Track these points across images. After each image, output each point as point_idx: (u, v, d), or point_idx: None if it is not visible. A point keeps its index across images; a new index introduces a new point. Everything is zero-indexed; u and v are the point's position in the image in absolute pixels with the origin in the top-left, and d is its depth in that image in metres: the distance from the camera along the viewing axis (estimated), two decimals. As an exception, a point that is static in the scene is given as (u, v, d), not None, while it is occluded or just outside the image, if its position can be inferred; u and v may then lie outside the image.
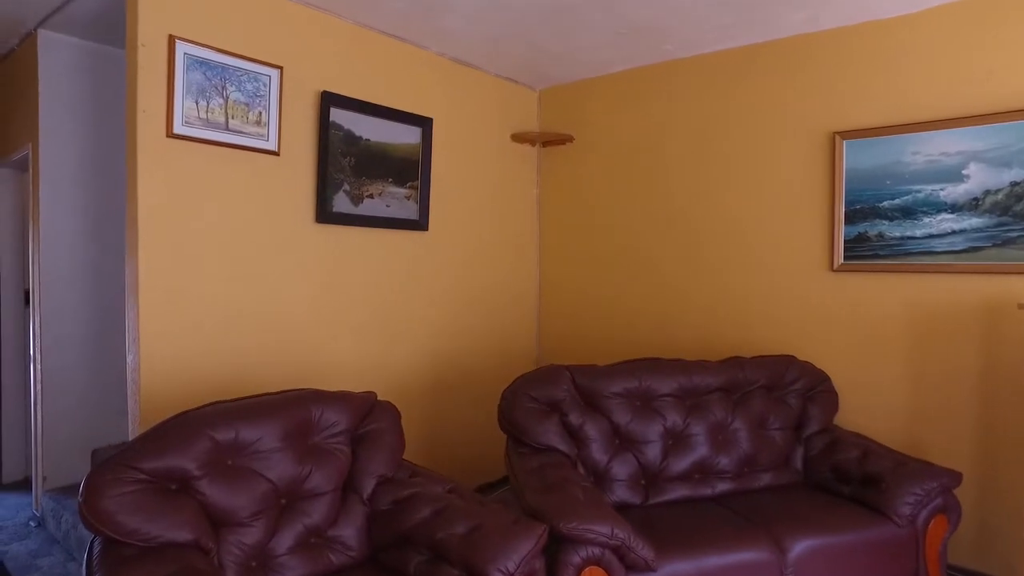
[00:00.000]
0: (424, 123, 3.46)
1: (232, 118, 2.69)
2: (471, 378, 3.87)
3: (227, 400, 2.09)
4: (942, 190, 2.86)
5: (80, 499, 1.69)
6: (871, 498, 2.46)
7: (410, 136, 3.41)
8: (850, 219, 3.11)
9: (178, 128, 2.53)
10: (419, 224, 3.49)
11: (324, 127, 3.01)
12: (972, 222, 2.79)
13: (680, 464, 2.72)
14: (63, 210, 3.46)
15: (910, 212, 2.95)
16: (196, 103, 2.58)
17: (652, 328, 3.82)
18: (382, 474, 2.19)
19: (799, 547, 2.28)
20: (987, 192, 2.75)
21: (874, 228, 3.05)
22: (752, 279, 3.46)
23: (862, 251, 3.08)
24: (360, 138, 3.18)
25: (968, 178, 2.79)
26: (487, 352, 3.98)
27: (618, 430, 2.72)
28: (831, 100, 3.18)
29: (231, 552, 1.85)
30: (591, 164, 4.08)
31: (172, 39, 2.51)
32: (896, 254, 2.99)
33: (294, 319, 2.98)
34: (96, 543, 1.72)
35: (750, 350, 3.32)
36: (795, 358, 3.08)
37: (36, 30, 3.31)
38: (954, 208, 2.84)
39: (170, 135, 2.52)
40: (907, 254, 2.96)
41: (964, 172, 2.80)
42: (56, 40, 3.36)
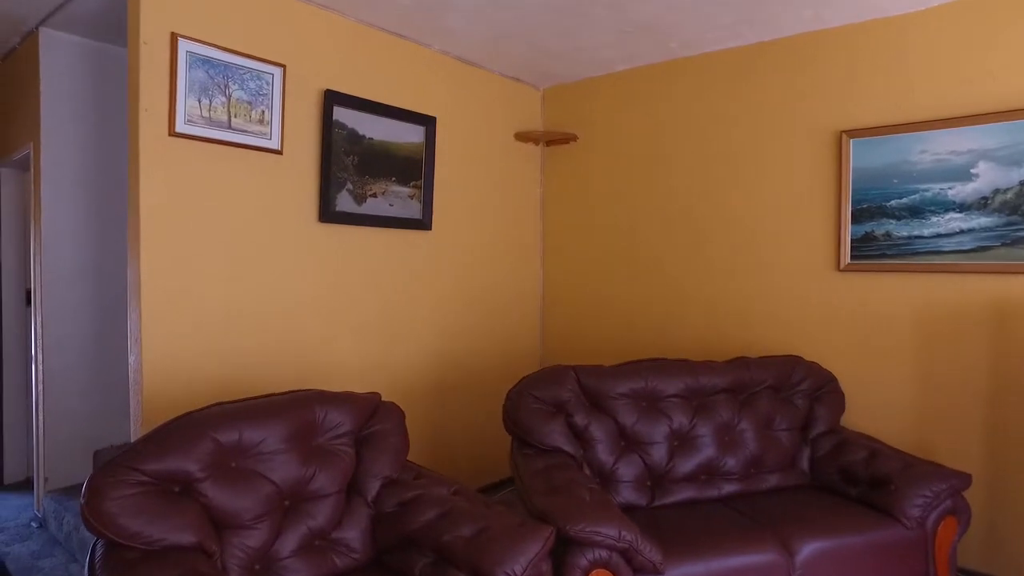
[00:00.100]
0: (427, 122, 3.44)
1: (235, 117, 2.67)
2: (474, 378, 3.85)
3: (230, 401, 2.07)
4: (950, 189, 2.84)
5: (82, 501, 1.68)
6: (879, 500, 2.44)
7: (413, 135, 3.39)
8: (857, 218, 3.09)
9: (180, 127, 2.52)
10: (422, 223, 3.47)
11: (327, 126, 2.99)
12: (981, 221, 2.77)
13: (686, 465, 2.70)
14: (65, 209, 3.44)
15: (917, 211, 2.92)
16: (198, 101, 2.56)
17: (656, 328, 3.80)
18: (387, 476, 2.17)
19: (807, 549, 2.26)
20: (996, 191, 2.73)
21: (881, 227, 3.02)
22: (757, 279, 3.43)
23: (869, 251, 3.06)
24: (363, 137, 3.16)
25: (977, 177, 2.77)
26: (490, 352, 3.96)
27: (624, 431, 2.70)
28: (838, 98, 3.16)
29: (234, 555, 1.83)
30: (595, 163, 4.05)
31: (174, 37, 2.49)
32: (903, 254, 2.97)
33: (297, 319, 2.97)
34: (98, 546, 1.70)
35: (755, 350, 3.30)
36: (801, 358, 3.05)
37: (38, 28, 3.29)
38: (962, 207, 2.81)
39: (172, 134, 2.51)
40: (914, 254, 2.94)
41: (973, 171, 2.78)
42: (58, 39, 3.34)
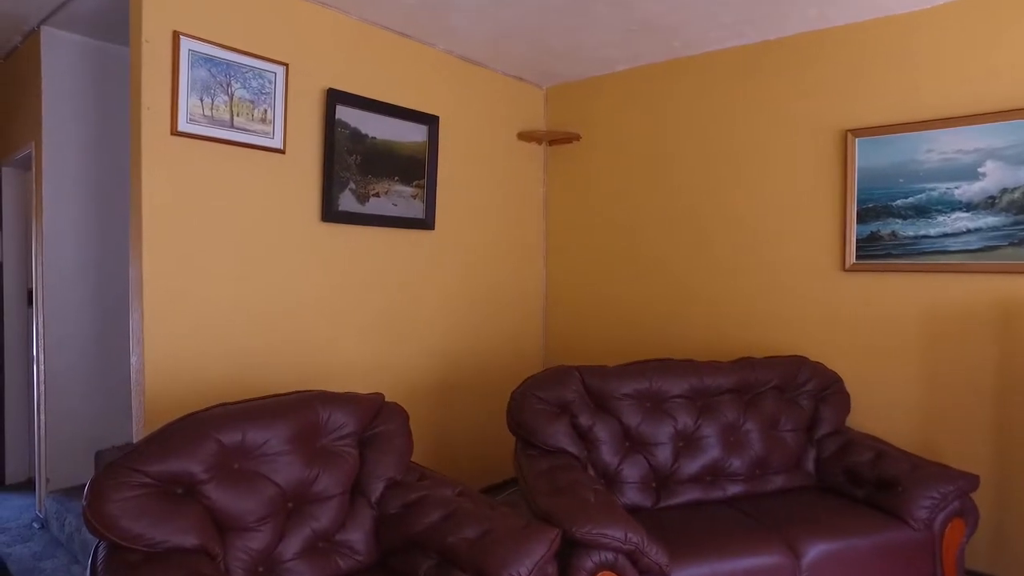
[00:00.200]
0: (430, 121, 3.42)
1: (237, 115, 2.65)
2: (477, 378, 3.83)
3: (233, 402, 2.05)
4: (957, 188, 2.82)
5: (84, 503, 1.66)
6: (886, 501, 2.42)
7: (416, 134, 3.37)
8: (862, 218, 3.07)
9: (183, 126, 2.50)
10: (425, 223, 3.46)
11: (330, 125, 2.97)
12: (988, 220, 2.75)
13: (691, 466, 2.69)
14: (66, 209, 3.43)
15: (924, 211, 2.90)
16: (201, 100, 2.55)
17: (660, 328, 3.78)
18: (391, 477, 2.16)
19: (814, 551, 2.25)
20: (1004, 190, 2.71)
21: (887, 227, 3.01)
22: (761, 278, 3.41)
23: (874, 250, 3.04)
24: (366, 136, 3.14)
25: (984, 176, 2.75)
26: (493, 352, 3.95)
27: (628, 432, 2.68)
28: (843, 97, 3.14)
29: (238, 557, 1.82)
30: (598, 163, 4.04)
31: (176, 35, 2.47)
32: (909, 253, 2.95)
33: (299, 319, 2.95)
34: (101, 548, 1.69)
35: (760, 350, 3.28)
36: (806, 359, 3.04)
37: (39, 27, 3.28)
38: (969, 206, 2.79)
39: (174, 133, 2.49)
40: (921, 253, 2.92)
41: (980, 170, 2.76)
42: (59, 37, 3.33)
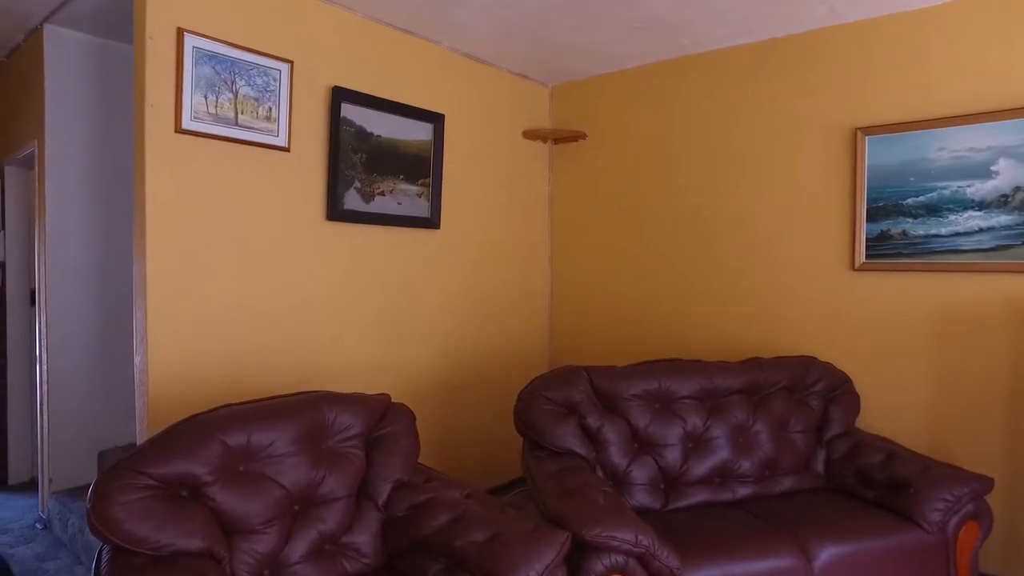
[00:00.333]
0: (436, 119, 3.39)
1: (242, 113, 2.63)
2: (482, 377, 3.80)
3: (238, 403, 2.03)
4: (969, 187, 2.78)
5: (88, 506, 1.64)
6: (898, 503, 2.39)
7: (422, 132, 3.35)
8: (872, 217, 3.03)
9: (187, 123, 2.48)
10: (431, 222, 3.43)
11: (335, 123, 2.95)
12: (1001, 219, 2.71)
13: (701, 468, 2.66)
14: (69, 208, 3.40)
15: (935, 209, 2.87)
16: (205, 98, 2.52)
17: (666, 327, 3.75)
18: (397, 479, 2.13)
19: (825, 554, 2.21)
20: (1017, 188, 2.67)
21: (897, 226, 2.97)
22: (770, 277, 3.38)
23: (885, 249, 3.01)
24: (371, 134, 3.12)
25: (997, 174, 2.71)
26: (498, 351, 3.92)
27: (637, 433, 2.65)
28: (853, 95, 3.10)
29: (244, 561, 1.79)
30: (604, 161, 4.01)
31: (181, 32, 2.45)
32: (920, 252, 2.92)
33: (304, 318, 2.93)
34: (104, 551, 1.66)
35: (767, 350, 3.25)
36: (815, 359, 3.01)
37: (42, 25, 3.26)
38: (982, 205, 2.76)
39: (179, 130, 2.47)
40: (932, 252, 2.88)
41: (993, 168, 2.72)
42: (62, 35, 3.31)
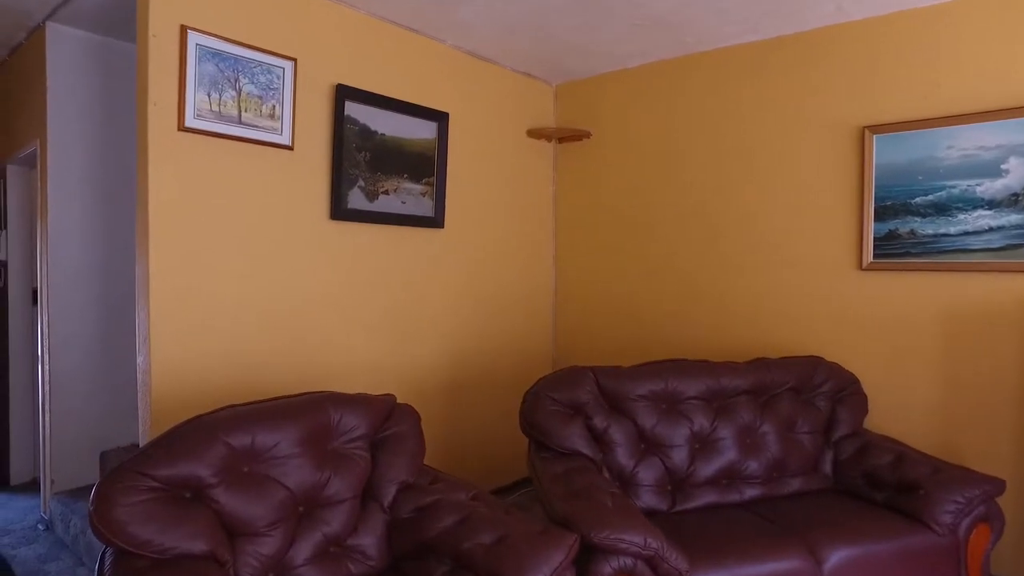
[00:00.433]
0: (440, 118, 3.37)
1: (245, 111, 2.61)
2: (486, 377, 3.78)
3: (242, 404, 2.01)
4: (979, 185, 2.76)
5: (91, 508, 1.62)
6: (908, 505, 2.36)
7: (426, 131, 3.33)
8: (880, 216, 3.01)
9: (190, 121, 2.46)
10: (435, 221, 3.41)
11: (339, 121, 2.93)
12: (1011, 218, 2.69)
13: (708, 469, 2.63)
14: (71, 207, 3.38)
15: (944, 208, 2.85)
16: (208, 96, 2.50)
17: (671, 327, 3.72)
18: (403, 480, 2.11)
19: (835, 557, 2.19)
20: (1028, 187, 2.65)
21: (905, 225, 2.95)
22: (776, 277, 3.35)
23: (893, 249, 2.98)
24: (375, 133, 3.10)
25: (1008, 172, 2.69)
26: (502, 351, 3.90)
27: (644, 434, 2.63)
28: (860, 93, 3.08)
29: (248, 563, 1.77)
30: (608, 160, 3.98)
31: (184, 29, 2.43)
32: (929, 252, 2.89)
33: (308, 318, 2.91)
34: (107, 554, 1.64)
35: (774, 350, 3.22)
36: (822, 359, 2.98)
37: (44, 23, 3.24)
38: (991, 204, 2.73)
39: (182, 128, 2.45)
40: (941, 252, 2.86)
41: (1003, 166, 2.70)
42: (64, 33, 3.29)
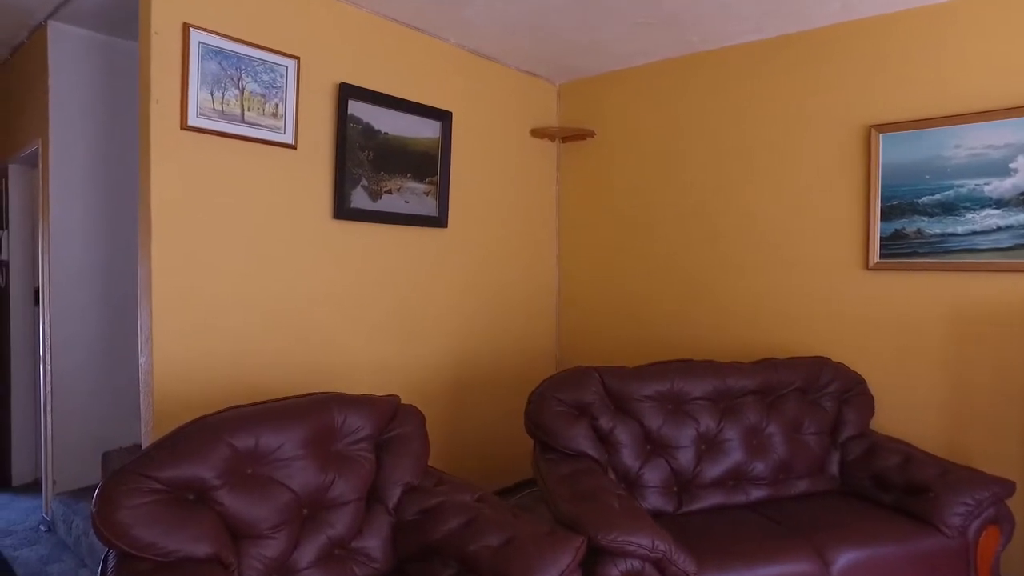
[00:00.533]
0: (443, 117, 3.35)
1: (248, 110, 2.59)
2: (490, 377, 3.76)
3: (246, 405, 1.99)
4: (987, 184, 2.74)
5: (93, 510, 1.60)
6: (917, 507, 2.34)
7: (429, 130, 3.31)
8: (886, 215, 2.99)
9: (192, 120, 2.44)
10: (438, 221, 3.39)
11: (342, 120, 2.91)
12: (1019, 218, 2.66)
13: (714, 470, 2.61)
14: (73, 207, 3.37)
15: (951, 208, 2.82)
16: (211, 94, 2.49)
17: (675, 326, 3.71)
18: (408, 482, 2.09)
19: (843, 559, 2.17)
20: (1036, 186, 2.63)
21: (912, 225, 2.93)
22: (782, 277, 3.33)
23: (899, 249, 2.96)
24: (378, 132, 3.08)
25: (1016, 172, 2.66)
26: (506, 351, 3.88)
27: (649, 435, 2.61)
28: (866, 92, 3.06)
29: (252, 566, 1.75)
30: (612, 160, 3.96)
31: (186, 27, 2.41)
32: (936, 252, 2.87)
33: (311, 318, 2.89)
34: (110, 557, 1.62)
35: (780, 350, 3.21)
36: (829, 359, 2.96)
37: (46, 22, 3.22)
38: (1000, 203, 2.71)
39: (184, 127, 2.43)
40: (948, 252, 2.84)
41: (1011, 165, 2.67)
42: (66, 32, 3.27)
